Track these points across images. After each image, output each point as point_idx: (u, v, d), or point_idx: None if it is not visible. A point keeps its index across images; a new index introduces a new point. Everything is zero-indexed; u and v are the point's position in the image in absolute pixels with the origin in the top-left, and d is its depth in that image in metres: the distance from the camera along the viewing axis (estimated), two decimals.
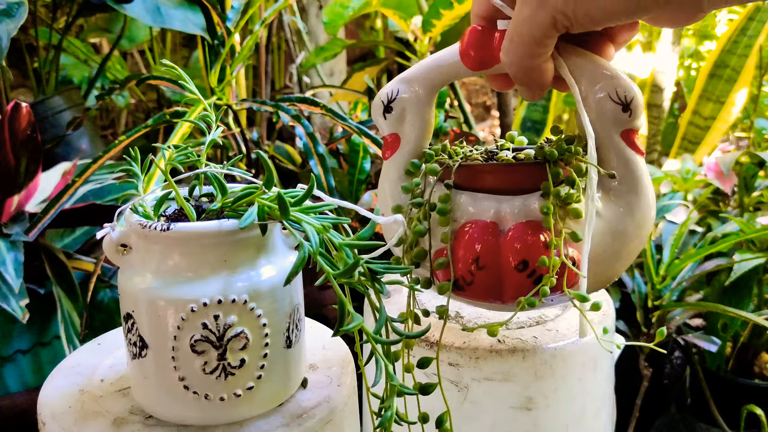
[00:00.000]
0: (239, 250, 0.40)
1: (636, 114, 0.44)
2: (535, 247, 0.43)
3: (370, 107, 1.04)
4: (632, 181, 0.45)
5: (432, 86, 0.48)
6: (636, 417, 0.95)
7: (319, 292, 0.99)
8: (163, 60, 0.47)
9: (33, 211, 0.88)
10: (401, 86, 0.48)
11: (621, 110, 0.44)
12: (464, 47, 0.46)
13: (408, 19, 1.31)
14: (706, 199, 1.13)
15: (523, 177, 0.45)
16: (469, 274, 0.45)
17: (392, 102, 0.48)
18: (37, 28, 1.39)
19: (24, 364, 0.84)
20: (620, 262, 0.46)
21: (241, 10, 0.92)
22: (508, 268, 0.44)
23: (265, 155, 0.38)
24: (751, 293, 0.95)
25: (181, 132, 0.77)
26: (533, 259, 0.43)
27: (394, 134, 0.49)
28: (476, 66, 0.46)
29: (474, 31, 0.45)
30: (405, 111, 0.48)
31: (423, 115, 0.48)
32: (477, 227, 0.45)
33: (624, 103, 0.44)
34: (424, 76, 0.48)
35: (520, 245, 0.43)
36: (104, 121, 1.91)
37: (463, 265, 0.45)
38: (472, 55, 0.46)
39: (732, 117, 1.30)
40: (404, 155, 0.49)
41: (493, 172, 0.46)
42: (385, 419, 0.36)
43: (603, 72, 0.44)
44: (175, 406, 0.41)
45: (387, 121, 0.49)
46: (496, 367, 0.50)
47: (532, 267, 0.44)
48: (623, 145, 0.45)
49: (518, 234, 0.44)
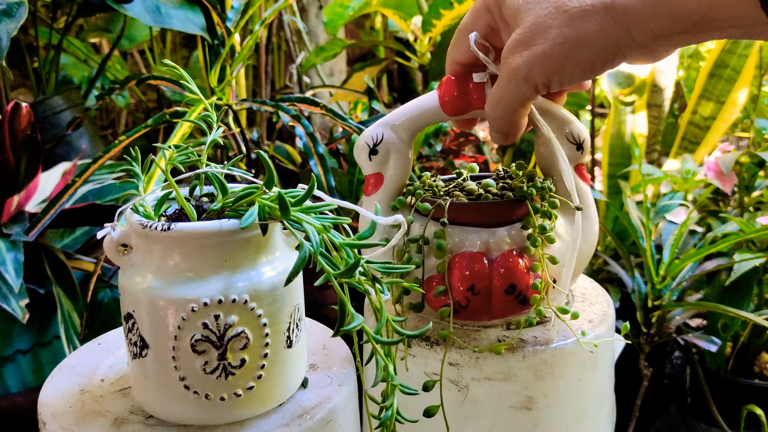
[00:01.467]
0: (240, 249, 0.40)
1: (586, 151, 0.53)
2: (520, 272, 0.50)
3: (370, 106, 1.03)
4: (585, 208, 0.53)
5: (413, 131, 0.53)
6: (636, 417, 0.95)
7: (319, 292, 0.99)
8: (163, 60, 0.47)
9: (33, 211, 0.88)
10: (385, 131, 0.53)
11: (575, 149, 0.53)
12: (442, 95, 0.51)
13: (408, 19, 1.31)
14: (706, 199, 1.13)
15: (505, 211, 0.52)
16: (464, 299, 0.50)
17: (378, 145, 0.53)
18: (37, 28, 1.39)
19: (24, 364, 0.85)
20: (578, 272, 0.55)
21: (241, 10, 0.92)
22: (498, 292, 0.50)
23: (265, 155, 0.38)
24: (751, 293, 0.95)
25: (182, 132, 0.77)
26: (519, 282, 0.50)
27: (378, 173, 0.53)
28: (454, 113, 0.52)
29: (449, 81, 0.51)
30: (389, 153, 0.53)
31: (405, 156, 0.53)
32: (469, 257, 0.50)
33: (578, 143, 0.53)
34: (407, 121, 0.53)
35: (507, 271, 0.50)
36: (104, 121, 1.91)
37: (458, 292, 0.50)
38: (450, 103, 0.51)
39: (732, 117, 1.30)
40: (387, 192, 0.54)
41: (479, 209, 0.51)
42: (386, 419, 0.36)
43: (561, 116, 0.52)
44: (176, 406, 0.41)
45: (372, 162, 0.53)
46: (496, 367, 0.50)
47: (519, 289, 0.50)
48: (577, 178, 0.53)
49: (505, 262, 0.50)
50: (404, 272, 0.47)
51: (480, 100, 0.51)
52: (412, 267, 0.40)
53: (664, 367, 1.12)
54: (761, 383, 0.99)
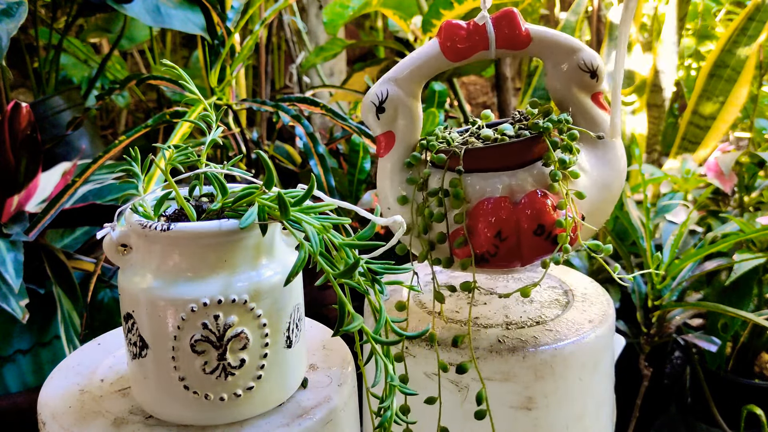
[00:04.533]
0: (239, 250, 0.40)
1: (601, 78, 0.51)
2: (547, 211, 0.48)
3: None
4: (607, 137, 0.52)
5: (418, 82, 0.51)
6: (636, 417, 0.95)
7: (319, 292, 0.99)
8: (163, 60, 0.47)
9: (33, 211, 0.88)
10: (389, 87, 0.51)
11: (589, 77, 0.51)
12: (443, 41, 0.50)
13: (408, 19, 1.31)
14: (706, 199, 1.13)
15: (523, 151, 0.50)
16: (493, 246, 0.48)
17: (384, 102, 0.51)
18: (37, 28, 1.39)
19: (24, 364, 0.84)
20: (608, 209, 0.53)
21: (241, 10, 0.92)
22: (526, 234, 0.48)
23: (265, 155, 0.38)
24: (751, 293, 0.95)
25: (181, 132, 0.77)
26: (548, 222, 0.48)
27: (389, 132, 0.52)
28: (457, 58, 0.50)
29: (449, 25, 0.50)
30: (397, 109, 0.51)
31: (413, 110, 0.51)
32: (493, 203, 0.48)
33: (591, 71, 0.51)
34: (411, 74, 0.51)
35: (535, 212, 0.48)
36: (104, 121, 1.91)
37: (485, 239, 0.48)
38: (452, 48, 0.49)
39: (732, 117, 1.30)
40: (400, 150, 0.52)
41: (495, 152, 0.49)
42: (385, 419, 0.36)
43: (569, 45, 0.51)
44: (175, 406, 0.41)
45: (380, 121, 0.51)
46: (496, 367, 0.50)
47: (548, 229, 0.48)
48: (595, 107, 0.52)
49: (531, 202, 0.48)
50: (422, 231, 0.47)
51: (483, 41, 0.49)
52: (412, 268, 0.40)
53: (664, 367, 1.12)
54: (761, 383, 0.99)
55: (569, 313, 0.56)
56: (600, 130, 0.52)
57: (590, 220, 0.51)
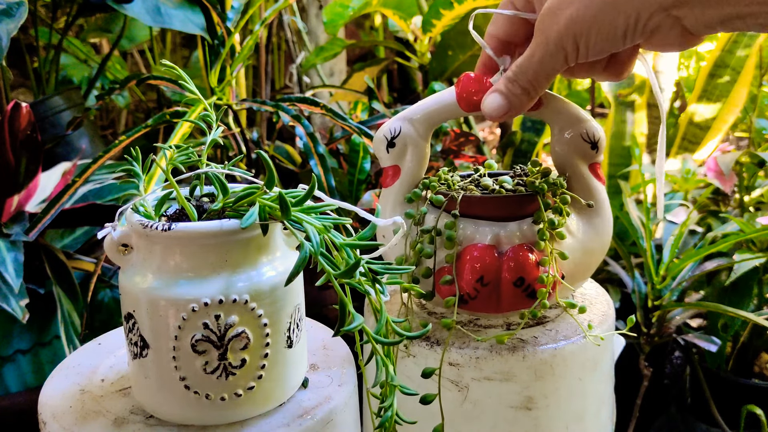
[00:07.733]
0: (240, 250, 0.40)
1: (601, 150, 0.54)
2: (529, 265, 0.50)
3: (370, 106, 1.03)
4: (597, 207, 0.54)
5: (430, 125, 0.54)
6: (636, 417, 0.95)
7: (319, 292, 0.99)
8: (163, 60, 0.47)
9: (33, 211, 0.88)
10: (403, 124, 0.53)
11: (590, 147, 0.53)
12: (459, 91, 0.52)
13: (408, 19, 1.31)
14: (706, 199, 1.13)
15: (516, 205, 0.52)
16: (473, 290, 0.51)
17: (395, 138, 0.53)
18: (37, 28, 1.39)
19: (24, 364, 0.84)
20: (588, 272, 0.55)
21: (241, 10, 0.92)
22: (507, 284, 0.50)
23: (266, 155, 0.38)
24: (751, 293, 0.95)
25: (182, 132, 0.77)
26: (528, 275, 0.50)
27: (396, 166, 0.54)
28: (470, 109, 0.52)
29: (467, 78, 0.52)
30: (406, 146, 0.54)
31: (422, 149, 0.54)
32: (480, 250, 0.51)
33: (593, 142, 0.53)
34: (425, 116, 0.53)
35: (517, 265, 0.50)
36: (104, 121, 1.91)
37: (467, 283, 0.51)
38: (467, 99, 0.52)
39: (732, 117, 1.30)
40: (404, 184, 0.55)
41: (490, 202, 0.52)
42: (385, 419, 0.36)
43: (577, 115, 0.53)
44: (176, 405, 0.41)
45: (389, 155, 0.54)
46: (496, 367, 0.50)
47: (527, 282, 0.50)
48: (591, 176, 0.54)
49: (515, 255, 0.50)
50: (412, 266, 0.49)
51: None
52: (412, 268, 0.40)
53: (664, 367, 1.12)
54: (761, 383, 0.99)
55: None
56: (592, 199, 0.54)
57: (569, 280, 0.53)
